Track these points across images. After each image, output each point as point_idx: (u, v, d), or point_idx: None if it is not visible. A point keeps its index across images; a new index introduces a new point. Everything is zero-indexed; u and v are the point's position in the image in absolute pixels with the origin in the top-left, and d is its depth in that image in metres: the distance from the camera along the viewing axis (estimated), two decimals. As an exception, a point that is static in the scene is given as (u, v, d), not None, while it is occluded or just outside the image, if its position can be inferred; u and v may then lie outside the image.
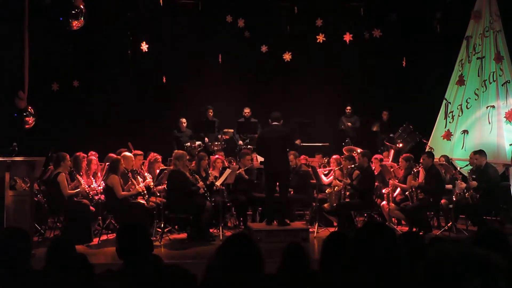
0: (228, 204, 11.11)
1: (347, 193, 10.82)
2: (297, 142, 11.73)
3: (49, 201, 9.90)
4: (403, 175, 10.99)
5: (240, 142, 14.05)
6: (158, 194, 10.38)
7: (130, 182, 9.99)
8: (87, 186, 9.99)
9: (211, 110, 14.46)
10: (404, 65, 14.71)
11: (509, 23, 12.57)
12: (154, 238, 9.72)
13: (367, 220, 10.95)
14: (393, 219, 11.19)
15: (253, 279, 3.14)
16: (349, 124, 14.91)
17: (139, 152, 11.01)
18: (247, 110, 14.45)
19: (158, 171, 10.70)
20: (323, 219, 11.20)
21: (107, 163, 10.43)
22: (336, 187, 10.95)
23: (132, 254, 3.57)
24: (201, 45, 14.67)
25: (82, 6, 11.41)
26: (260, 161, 11.65)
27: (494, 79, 12.43)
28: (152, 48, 14.42)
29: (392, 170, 11.53)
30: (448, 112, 12.94)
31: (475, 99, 12.66)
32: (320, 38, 14.68)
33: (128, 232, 3.73)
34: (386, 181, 11.28)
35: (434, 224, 11.27)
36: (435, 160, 11.16)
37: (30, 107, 11.33)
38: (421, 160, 10.78)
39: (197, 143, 13.53)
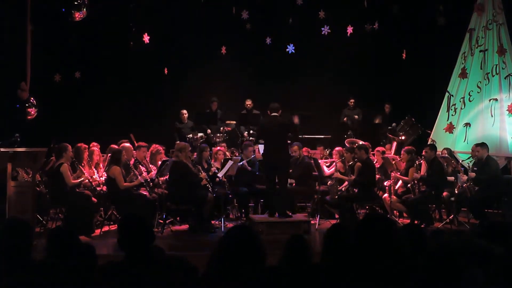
0: (230, 196, 11.11)
1: (355, 190, 10.77)
2: (295, 120, 11.37)
3: (51, 192, 9.90)
4: (405, 167, 10.97)
5: (246, 134, 14.01)
6: (160, 184, 10.39)
7: (132, 173, 9.99)
8: (89, 177, 10.00)
9: (216, 102, 14.43)
10: (404, 57, 14.68)
11: (513, 16, 12.54)
12: (156, 229, 9.74)
13: (368, 212, 10.95)
14: (394, 211, 11.19)
15: (255, 271, 3.15)
16: (356, 116, 14.87)
17: (143, 143, 11.00)
18: (249, 102, 14.44)
19: (160, 162, 10.71)
20: (325, 211, 11.21)
21: (109, 154, 10.44)
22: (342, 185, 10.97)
23: (134, 246, 3.57)
24: (204, 37, 14.65)
25: (84, -3, 11.39)
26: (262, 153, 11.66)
27: (497, 72, 12.40)
28: (154, 39, 14.39)
29: (394, 162, 11.53)
30: (451, 105, 12.92)
31: (478, 92, 12.63)
32: (325, 30, 14.64)
33: (130, 223, 3.73)
34: (388, 173, 11.27)
35: (435, 216, 11.26)
36: (437, 152, 11.16)
37: (32, 98, 11.32)
38: (424, 153, 10.77)
39: (199, 134, 13.52)
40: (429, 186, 10.53)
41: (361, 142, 11.85)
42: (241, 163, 11.21)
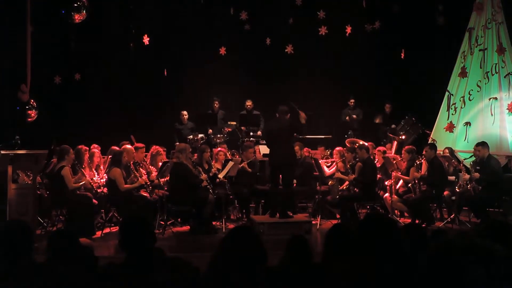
0: (231, 197, 11.12)
1: (356, 189, 10.78)
2: (302, 120, 11.03)
3: (52, 194, 9.90)
4: (406, 167, 10.98)
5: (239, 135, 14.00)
6: (162, 184, 10.38)
7: (132, 175, 9.99)
8: (90, 179, 10.00)
9: (217, 102, 14.42)
10: (402, 57, 14.67)
11: (512, 15, 12.54)
12: (157, 230, 9.73)
13: (369, 212, 10.95)
14: (395, 211, 11.19)
15: (256, 271, 3.14)
16: (354, 116, 14.86)
17: (141, 145, 11.00)
18: (249, 103, 14.42)
19: (160, 163, 10.70)
20: (326, 211, 11.20)
21: (109, 156, 10.44)
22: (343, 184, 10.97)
23: (135, 247, 3.57)
24: (204, 38, 14.64)
25: (84, -1, 11.39)
26: (263, 154, 11.67)
27: (497, 71, 12.40)
28: (154, 41, 14.38)
29: (394, 162, 11.52)
30: (451, 104, 12.92)
31: (478, 91, 12.64)
32: (323, 30, 14.66)
33: (131, 225, 3.73)
34: (388, 173, 11.26)
35: (436, 216, 11.26)
36: (438, 152, 11.16)
37: (32, 100, 11.32)
38: (424, 152, 10.77)
39: (200, 135, 13.51)
40: (430, 185, 10.53)
41: (361, 142, 11.84)
42: (241, 165, 11.21)
